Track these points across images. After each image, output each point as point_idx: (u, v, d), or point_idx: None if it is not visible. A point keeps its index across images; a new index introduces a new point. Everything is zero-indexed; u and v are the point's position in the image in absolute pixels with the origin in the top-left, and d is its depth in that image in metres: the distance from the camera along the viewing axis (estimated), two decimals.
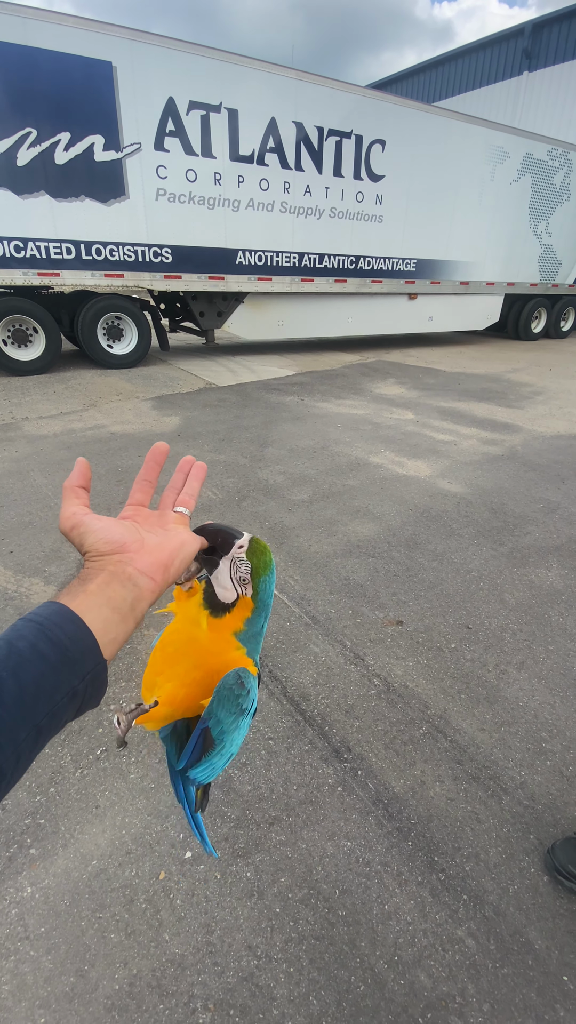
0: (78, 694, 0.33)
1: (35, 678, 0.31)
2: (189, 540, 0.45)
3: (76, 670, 0.33)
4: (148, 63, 5.38)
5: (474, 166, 7.92)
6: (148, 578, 0.39)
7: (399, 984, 1.02)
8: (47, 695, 0.31)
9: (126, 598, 0.37)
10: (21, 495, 3.05)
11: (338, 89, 6.50)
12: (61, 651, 0.32)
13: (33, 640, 0.32)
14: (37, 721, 0.30)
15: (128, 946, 1.06)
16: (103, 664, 0.35)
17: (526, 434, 4.47)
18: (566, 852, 1.20)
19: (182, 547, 0.44)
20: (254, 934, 1.09)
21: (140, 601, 0.38)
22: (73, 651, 0.33)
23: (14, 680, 0.30)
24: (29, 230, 5.36)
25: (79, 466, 0.44)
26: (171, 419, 4.61)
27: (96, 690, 0.35)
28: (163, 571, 0.41)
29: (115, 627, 0.36)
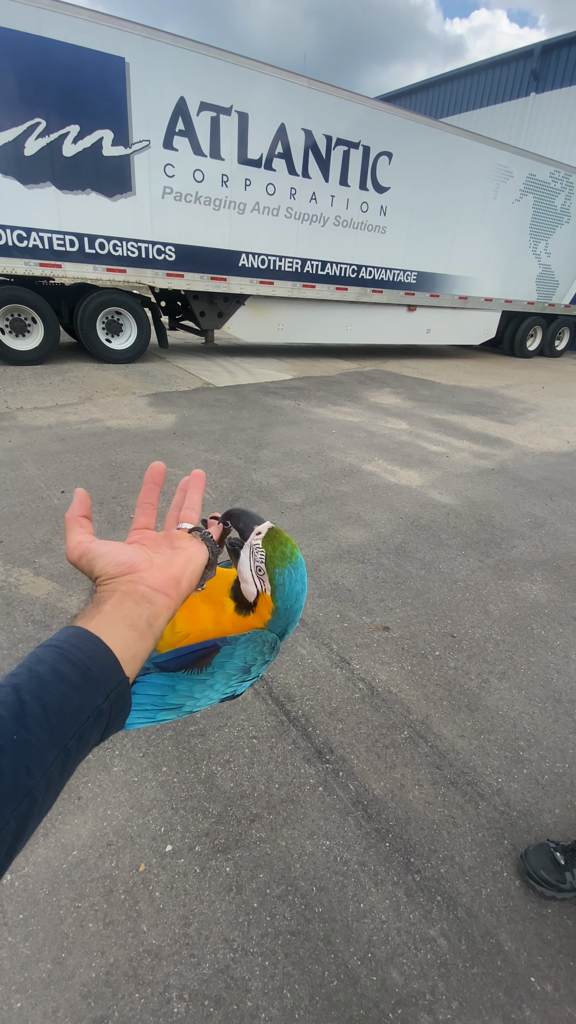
0: (103, 713, 0.33)
1: (59, 700, 0.31)
2: (197, 552, 0.45)
3: (99, 689, 0.33)
4: (161, 61, 5.40)
5: (478, 183, 8.05)
6: (162, 594, 0.40)
7: (371, 980, 1.04)
8: (72, 716, 0.31)
9: (142, 615, 0.38)
10: (13, 485, 3.04)
11: (348, 99, 6.58)
12: (82, 671, 0.32)
13: (53, 663, 0.32)
14: (64, 743, 0.30)
15: (106, 935, 1.07)
16: (126, 681, 0.35)
17: (517, 449, 4.55)
18: (539, 858, 1.23)
19: (191, 560, 0.44)
20: (231, 928, 1.10)
21: (156, 617, 0.39)
22: (95, 670, 0.33)
23: (38, 703, 0.30)
24: (33, 220, 5.34)
25: (79, 496, 0.44)
26: (167, 416, 4.61)
27: (121, 708, 0.35)
28: (175, 585, 0.41)
29: (134, 643, 0.36)
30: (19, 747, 0.28)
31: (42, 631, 1.89)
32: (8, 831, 0.27)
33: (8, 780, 0.27)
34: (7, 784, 0.27)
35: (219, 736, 1.54)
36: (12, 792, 0.27)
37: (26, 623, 1.93)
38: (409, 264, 7.98)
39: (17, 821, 0.27)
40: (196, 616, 0.49)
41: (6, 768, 0.27)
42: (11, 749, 0.28)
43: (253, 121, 6.07)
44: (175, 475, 3.35)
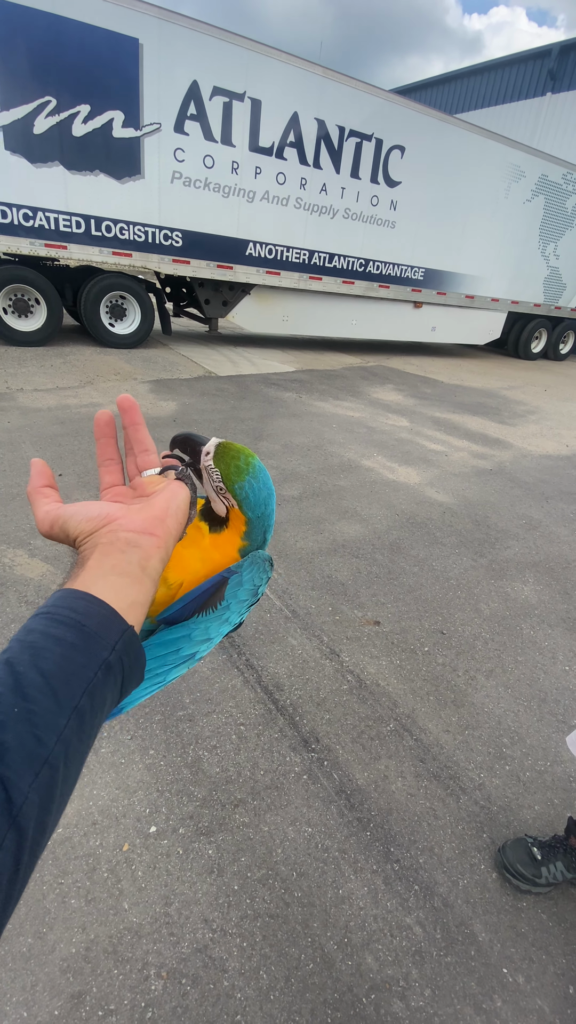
0: (113, 667, 0.31)
1: (58, 662, 0.29)
2: (176, 489, 0.42)
3: (101, 642, 0.31)
4: (175, 44, 5.33)
5: (490, 182, 7.99)
6: (147, 535, 0.37)
7: (347, 965, 1.06)
8: (77, 675, 0.29)
9: (131, 561, 0.35)
10: (11, 466, 3.04)
11: (363, 91, 6.51)
12: (77, 628, 0.31)
13: (44, 628, 0.30)
14: (75, 704, 0.28)
15: (87, 912, 1.09)
16: (131, 630, 0.33)
17: (516, 451, 4.56)
18: (516, 852, 1.25)
19: (172, 498, 0.41)
20: (211, 909, 1.12)
21: (148, 559, 0.36)
22: (90, 624, 0.31)
23: (35, 671, 0.28)
24: (40, 200, 5.28)
25: (36, 467, 0.41)
26: (168, 404, 4.60)
27: (133, 659, 0.33)
28: (160, 523, 0.38)
29: (129, 590, 0.34)
30: (22, 718, 0.26)
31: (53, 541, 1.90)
32: (31, 805, 0.25)
33: (17, 753, 0.26)
34: (16, 757, 0.25)
35: (207, 722, 1.55)
36: (26, 764, 0.26)
37: (19, 604, 1.94)
38: (417, 260, 7.94)
39: (39, 793, 0.26)
40: (182, 562, 0.47)
41: (11, 742, 0.26)
42: (13, 722, 0.26)
43: (266, 108, 6.00)
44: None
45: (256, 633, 1.96)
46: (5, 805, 0.24)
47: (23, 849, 0.25)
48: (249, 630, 1.97)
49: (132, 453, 0.44)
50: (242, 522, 0.47)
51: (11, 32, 4.70)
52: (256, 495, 0.46)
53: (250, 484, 0.46)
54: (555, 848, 1.24)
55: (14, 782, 0.25)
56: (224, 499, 0.46)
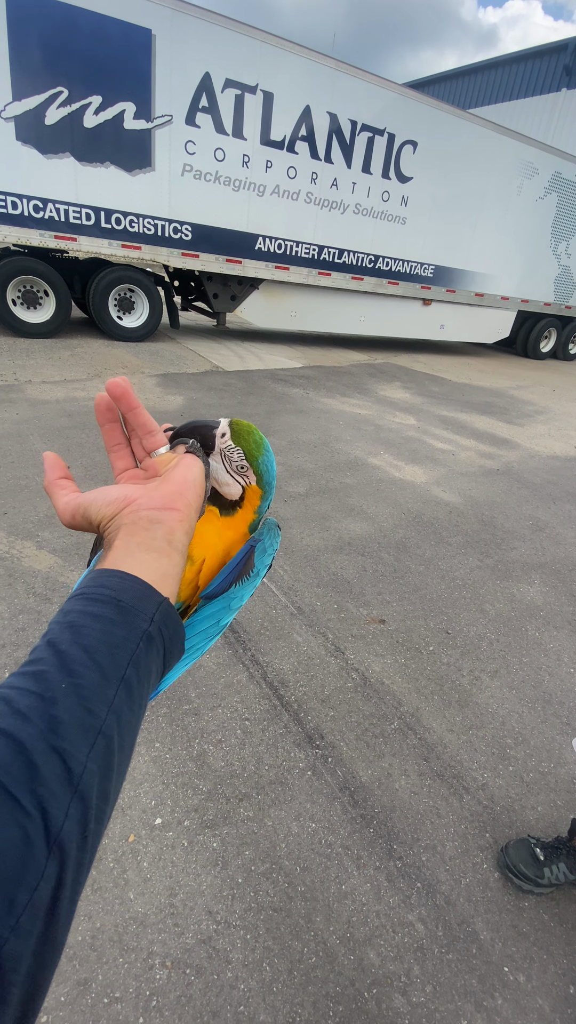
0: (153, 638, 0.32)
1: (99, 637, 0.30)
2: (189, 463, 0.42)
3: (140, 614, 0.32)
4: (188, 35, 5.30)
5: (502, 178, 7.92)
6: (169, 510, 0.37)
7: (349, 959, 1.07)
8: (120, 648, 0.30)
9: (156, 535, 0.36)
10: (19, 457, 3.05)
11: (376, 84, 6.45)
12: (114, 604, 0.31)
13: (81, 608, 0.31)
14: (121, 675, 0.29)
15: (93, 901, 1.10)
16: (167, 601, 0.34)
17: (523, 451, 4.54)
18: (518, 852, 1.26)
19: (187, 471, 0.41)
20: (215, 901, 1.13)
21: (173, 532, 0.36)
22: (126, 599, 0.32)
23: (78, 648, 0.29)
24: (50, 191, 5.28)
25: (48, 460, 0.41)
26: (175, 398, 4.60)
27: (173, 631, 0.34)
28: (180, 498, 0.38)
29: (158, 563, 0.35)
30: (71, 692, 0.27)
31: (43, 604, 1.91)
32: (91, 774, 0.26)
33: (70, 726, 0.26)
34: (71, 730, 0.26)
35: (212, 716, 1.56)
36: (81, 735, 0.26)
37: (27, 595, 1.95)
38: (427, 257, 7.89)
39: (97, 763, 0.26)
40: (202, 538, 0.48)
41: (63, 716, 0.26)
42: (63, 697, 0.27)
43: (278, 101, 5.97)
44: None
45: (261, 629, 1.97)
46: (66, 776, 0.25)
47: (88, 817, 0.25)
48: (254, 626, 1.98)
49: (136, 436, 0.43)
50: (258, 496, 0.48)
51: (24, 22, 4.69)
52: (271, 467, 0.48)
53: (265, 457, 0.47)
54: (558, 849, 1.25)
55: (71, 753, 0.26)
56: (244, 477, 0.47)
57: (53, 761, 0.25)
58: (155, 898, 1.12)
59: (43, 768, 0.24)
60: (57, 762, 0.25)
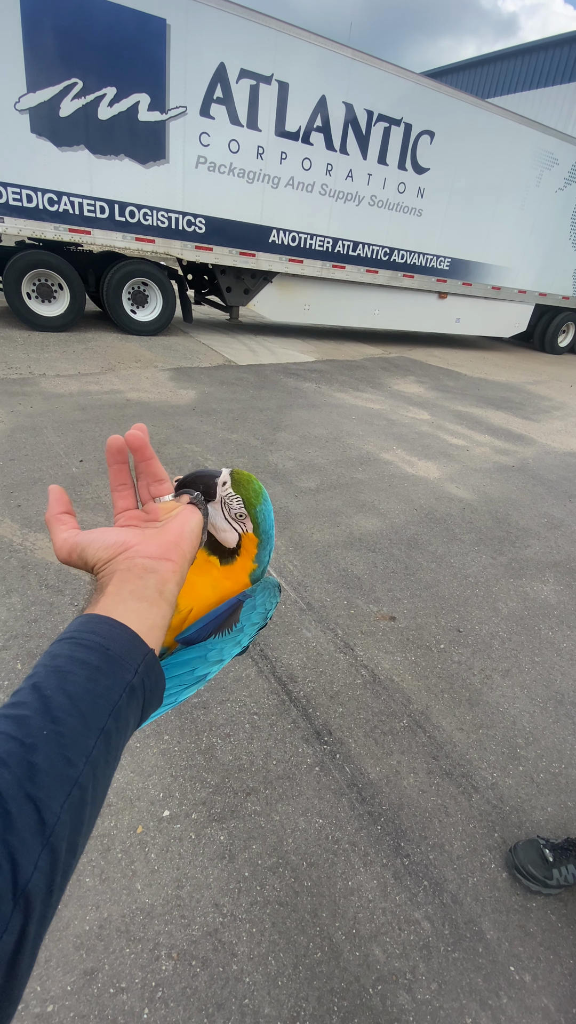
0: (136, 689, 0.32)
1: (84, 685, 0.30)
2: (189, 514, 0.43)
3: (125, 665, 0.32)
4: (203, 25, 5.25)
5: (521, 169, 7.76)
6: (163, 560, 0.38)
7: (354, 955, 1.07)
8: (103, 698, 0.30)
9: (148, 585, 0.36)
10: (33, 451, 3.08)
11: (392, 73, 6.35)
12: (101, 652, 0.32)
13: (69, 653, 0.31)
14: (101, 725, 0.29)
15: (101, 891, 1.11)
16: (152, 653, 0.34)
17: (539, 448, 4.47)
18: (527, 853, 1.24)
19: (185, 523, 0.42)
20: (222, 894, 1.14)
21: (165, 583, 0.37)
22: (114, 648, 0.32)
23: (62, 694, 0.29)
24: (64, 184, 5.28)
25: (53, 494, 0.42)
26: (187, 392, 4.60)
27: (154, 682, 0.34)
28: (175, 549, 0.39)
29: (148, 614, 0.35)
30: (51, 740, 0.27)
31: (55, 595, 1.93)
32: (63, 825, 0.26)
33: (48, 775, 0.26)
34: (48, 779, 0.26)
35: (221, 709, 1.57)
36: (57, 785, 0.26)
37: (40, 587, 1.97)
38: (443, 250, 7.77)
39: (70, 814, 0.26)
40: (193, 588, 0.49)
41: (42, 764, 0.26)
42: (43, 744, 0.27)
43: (293, 91, 5.89)
44: (193, 452, 3.36)
45: (271, 624, 1.96)
46: (38, 827, 0.25)
47: (56, 870, 0.25)
48: None
49: (145, 481, 0.45)
50: (255, 544, 0.50)
51: (38, 12, 4.68)
52: (268, 516, 0.50)
53: (264, 506, 0.49)
54: (567, 851, 1.23)
55: (46, 803, 0.25)
56: (242, 525, 0.49)
57: (27, 810, 0.25)
58: (162, 889, 1.13)
59: (17, 817, 0.24)
60: (31, 811, 0.25)
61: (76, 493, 2.67)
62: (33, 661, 1.64)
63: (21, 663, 1.63)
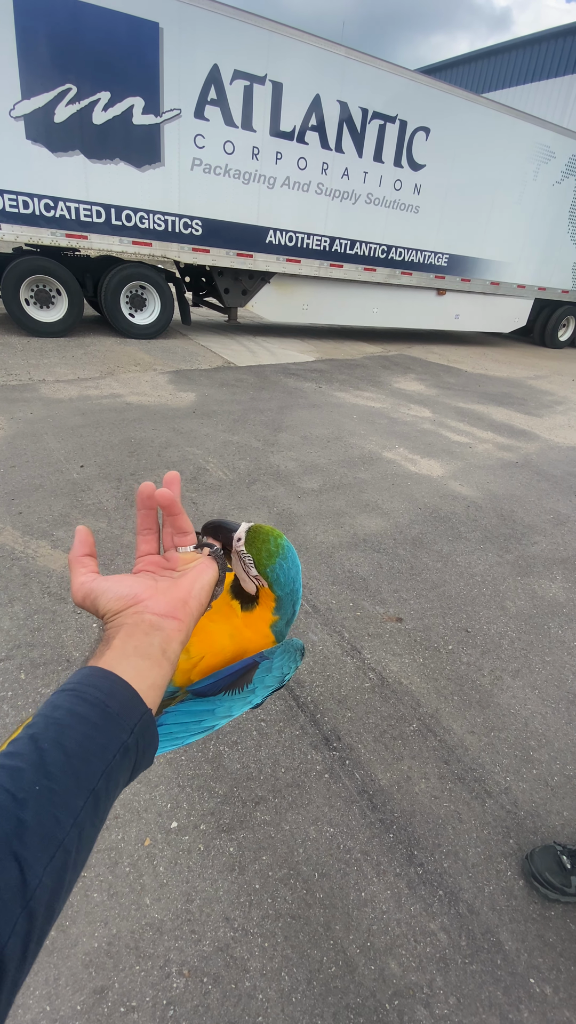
0: (130, 749, 0.32)
1: (80, 742, 0.30)
2: (204, 569, 0.44)
3: (122, 724, 0.32)
4: (196, 27, 5.24)
5: (518, 163, 7.72)
6: (170, 619, 0.39)
7: (369, 969, 1.05)
8: (97, 756, 0.30)
9: (153, 643, 0.37)
10: (34, 457, 3.06)
11: (387, 71, 6.32)
12: (101, 709, 0.31)
13: (70, 706, 0.31)
14: (92, 786, 0.29)
15: (110, 907, 1.09)
16: (149, 713, 0.34)
17: (543, 443, 4.43)
18: (544, 859, 1.21)
19: (198, 578, 0.43)
20: (232, 907, 1.11)
21: (169, 643, 0.38)
22: (113, 705, 0.32)
23: (58, 749, 0.29)
24: (60, 189, 5.28)
25: (80, 536, 0.43)
26: (187, 395, 4.58)
27: (148, 743, 0.34)
28: (183, 607, 0.40)
29: (149, 672, 0.35)
30: (43, 797, 0.26)
31: (58, 604, 1.91)
32: (44, 889, 0.25)
33: (36, 833, 0.25)
34: (35, 838, 0.25)
35: None
36: (43, 846, 0.25)
37: (43, 595, 1.95)
38: (441, 246, 7.74)
39: (52, 877, 0.25)
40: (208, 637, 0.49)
41: (31, 821, 0.25)
42: (34, 800, 0.26)
43: (287, 91, 5.88)
44: (194, 455, 3.34)
45: None
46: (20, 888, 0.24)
47: (32, 935, 0.24)
48: None
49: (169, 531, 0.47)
50: (271, 599, 0.50)
51: (32, 19, 4.67)
52: (286, 575, 0.49)
53: (280, 565, 0.48)
54: None
55: (30, 864, 0.24)
56: (255, 581, 0.50)
57: (11, 869, 0.24)
58: (172, 904, 1.11)
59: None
60: (15, 871, 0.24)
61: (77, 499, 2.65)
62: (36, 671, 1.62)
63: (25, 673, 1.61)
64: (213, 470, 3.16)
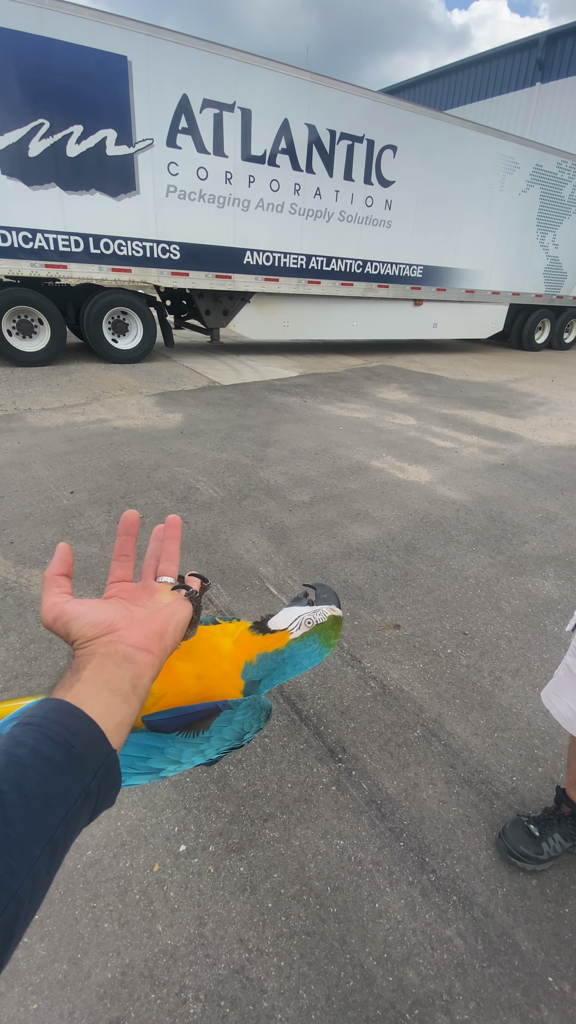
0: (91, 793, 0.30)
1: (41, 785, 0.28)
2: (179, 607, 0.43)
3: (86, 767, 0.30)
4: (164, 59, 5.39)
5: (484, 175, 7.96)
6: (144, 651, 0.37)
7: (388, 981, 1.04)
8: (58, 802, 0.28)
9: (124, 677, 0.35)
10: (23, 486, 3.06)
11: (352, 93, 6.53)
12: (66, 750, 0.30)
13: (33, 744, 0.29)
14: (50, 833, 0.27)
15: (121, 936, 1.07)
16: (114, 755, 0.32)
17: (527, 444, 4.51)
18: (516, 834, 1.24)
19: (174, 615, 0.42)
20: (246, 928, 1.10)
21: (140, 678, 0.36)
22: (79, 747, 0.30)
23: (18, 792, 0.27)
24: (38, 221, 5.36)
25: (59, 553, 0.41)
26: (174, 416, 4.62)
27: (110, 785, 0.32)
28: (158, 640, 0.39)
29: (118, 710, 0.34)
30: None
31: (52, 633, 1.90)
32: None
33: None
34: None
35: None
36: None
37: (37, 624, 1.94)
38: (415, 258, 7.92)
39: (2, 931, 0.24)
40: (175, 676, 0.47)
41: None
42: None
43: (256, 117, 6.04)
44: (184, 475, 3.36)
45: None
46: None
47: None
48: None
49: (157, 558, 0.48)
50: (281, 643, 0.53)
51: (1, 56, 4.78)
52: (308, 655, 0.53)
53: (318, 649, 0.53)
54: (549, 821, 1.24)
55: None
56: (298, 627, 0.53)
57: None
58: (184, 928, 1.09)
59: None
60: None
61: (68, 525, 2.65)
62: None
63: None
64: (203, 488, 3.17)
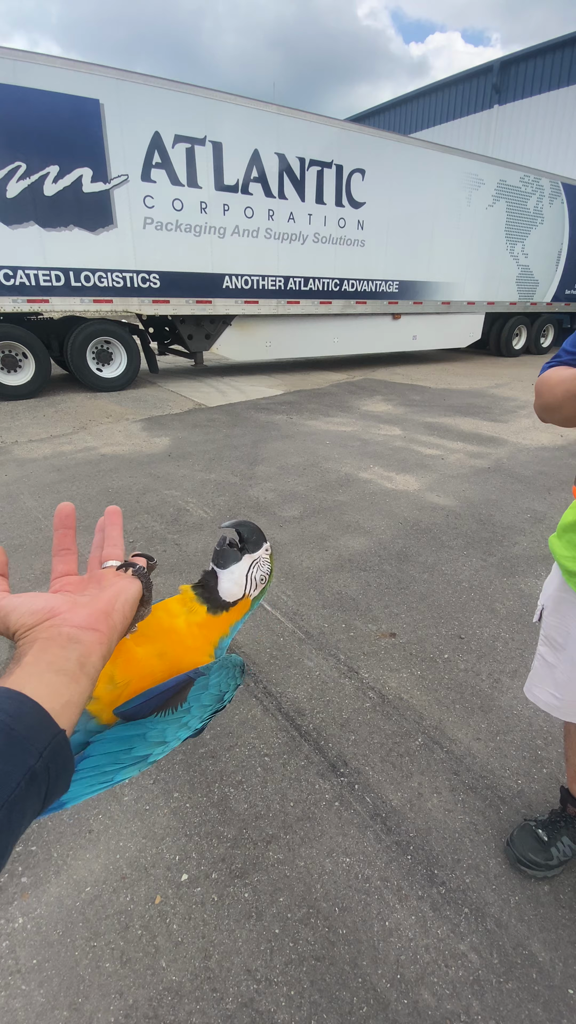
0: (38, 775, 0.29)
1: None
2: (127, 586, 0.41)
3: (29, 748, 0.29)
4: (135, 100, 5.56)
5: (451, 192, 8.21)
6: (90, 630, 0.36)
7: (403, 1004, 1.00)
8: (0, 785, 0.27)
9: (69, 657, 0.33)
10: (11, 518, 3.04)
11: (317, 122, 6.76)
12: (5, 733, 0.28)
13: None
14: None
15: (124, 975, 1.03)
16: (62, 734, 0.31)
17: (511, 447, 4.55)
18: (524, 840, 1.21)
19: (121, 593, 0.40)
20: (253, 957, 1.06)
21: (88, 656, 0.34)
22: (19, 728, 0.29)
23: None
24: (18, 259, 5.44)
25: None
26: (161, 440, 4.63)
27: (61, 766, 0.31)
28: (105, 618, 0.37)
29: (65, 689, 0.32)
30: None
31: None
32: None
33: None
34: None
35: (230, 756, 1.50)
36: None
37: None
38: (390, 274, 8.10)
39: None
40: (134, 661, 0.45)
41: None
42: None
43: (227, 149, 6.23)
44: (173, 497, 3.35)
45: (271, 659, 1.92)
46: None
47: None
48: (263, 656, 1.93)
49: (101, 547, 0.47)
50: (243, 611, 0.53)
51: None
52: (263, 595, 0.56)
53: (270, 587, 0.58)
54: (557, 824, 1.22)
55: None
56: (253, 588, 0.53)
57: None
58: (189, 963, 1.05)
59: None
60: None
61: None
62: None
63: None
64: (193, 509, 3.17)
